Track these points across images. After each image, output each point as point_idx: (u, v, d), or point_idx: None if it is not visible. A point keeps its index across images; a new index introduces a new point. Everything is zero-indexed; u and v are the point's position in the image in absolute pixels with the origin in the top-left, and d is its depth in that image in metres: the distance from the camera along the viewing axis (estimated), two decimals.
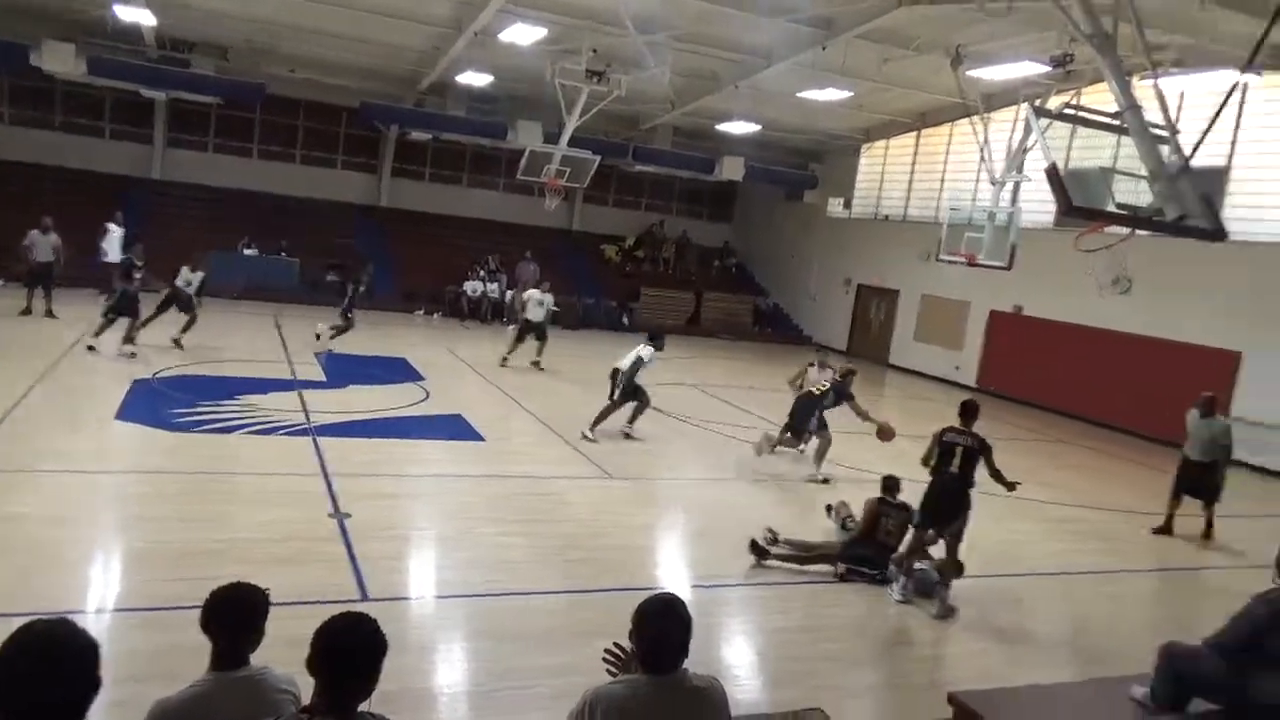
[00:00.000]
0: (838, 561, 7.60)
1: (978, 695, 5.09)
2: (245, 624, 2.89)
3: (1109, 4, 9.22)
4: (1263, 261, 15.19)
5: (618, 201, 29.62)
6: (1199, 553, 10.00)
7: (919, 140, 23.40)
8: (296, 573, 6.29)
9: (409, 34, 18.61)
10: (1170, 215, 8.02)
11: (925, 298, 22.47)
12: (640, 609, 2.98)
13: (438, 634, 5.90)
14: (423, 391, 13.38)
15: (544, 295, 16.58)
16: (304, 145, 25.60)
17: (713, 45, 17.57)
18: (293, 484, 8.38)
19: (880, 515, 7.81)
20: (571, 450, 11.00)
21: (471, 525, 7.96)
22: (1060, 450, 15.16)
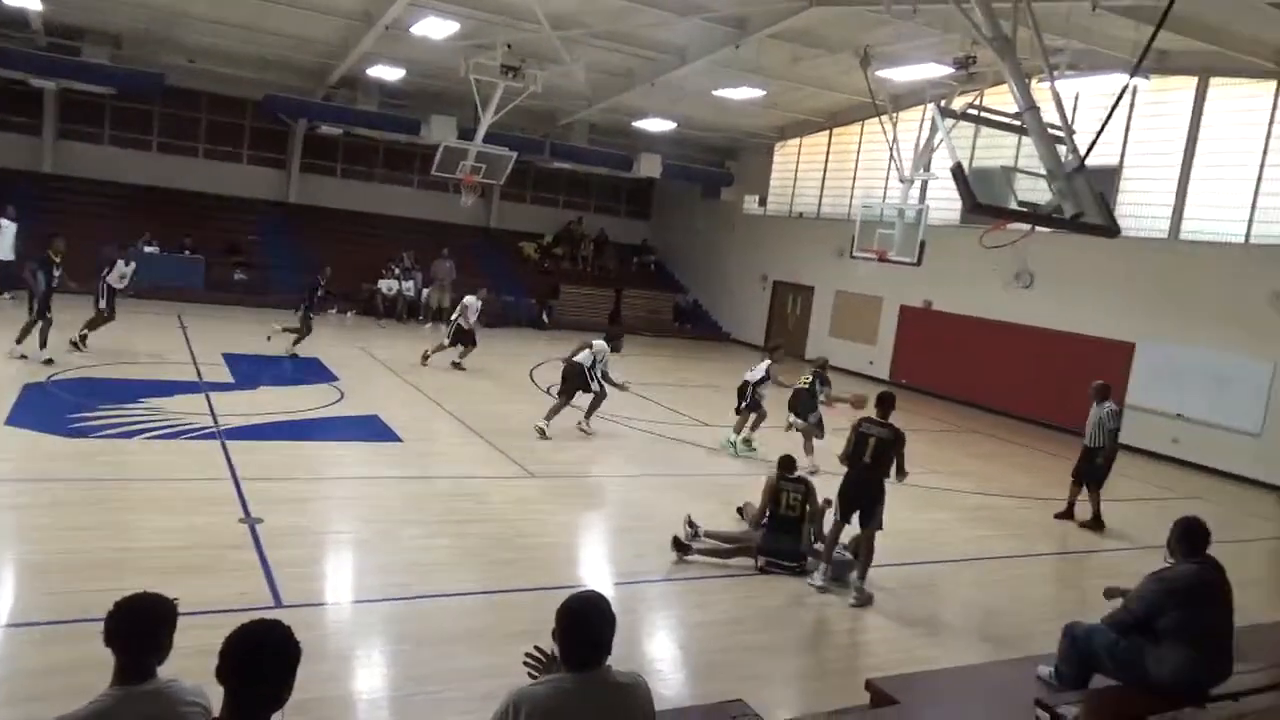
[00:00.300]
0: (757, 555, 7.72)
1: (893, 680, 5.23)
2: (151, 636, 2.77)
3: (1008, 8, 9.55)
4: (1151, 256, 15.97)
5: (535, 199, 29.43)
6: (1096, 536, 10.46)
7: (831, 139, 23.87)
8: (206, 581, 6.08)
9: (316, 25, 18.12)
10: (1068, 212, 8.36)
11: (839, 293, 22.95)
12: (562, 608, 2.97)
13: (356, 640, 5.77)
14: (337, 392, 13.07)
15: (480, 301, 16.63)
16: (207, 139, 24.69)
17: (628, 43, 17.60)
18: (200, 489, 8.10)
19: (780, 491, 7.98)
20: (492, 449, 10.90)
21: (391, 528, 7.81)
22: (971, 440, 15.67)
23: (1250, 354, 14.46)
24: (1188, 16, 12.24)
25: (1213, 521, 5.21)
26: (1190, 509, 6.05)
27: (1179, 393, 15.30)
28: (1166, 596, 4.79)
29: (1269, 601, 8.04)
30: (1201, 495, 12.75)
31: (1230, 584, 4.89)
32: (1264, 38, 13.46)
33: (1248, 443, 14.43)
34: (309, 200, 25.73)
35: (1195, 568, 4.87)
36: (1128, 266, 16.12)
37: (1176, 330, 15.52)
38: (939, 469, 12.59)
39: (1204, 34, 13.10)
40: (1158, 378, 15.68)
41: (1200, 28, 12.97)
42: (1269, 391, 14.22)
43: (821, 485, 8.36)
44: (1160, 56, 14.85)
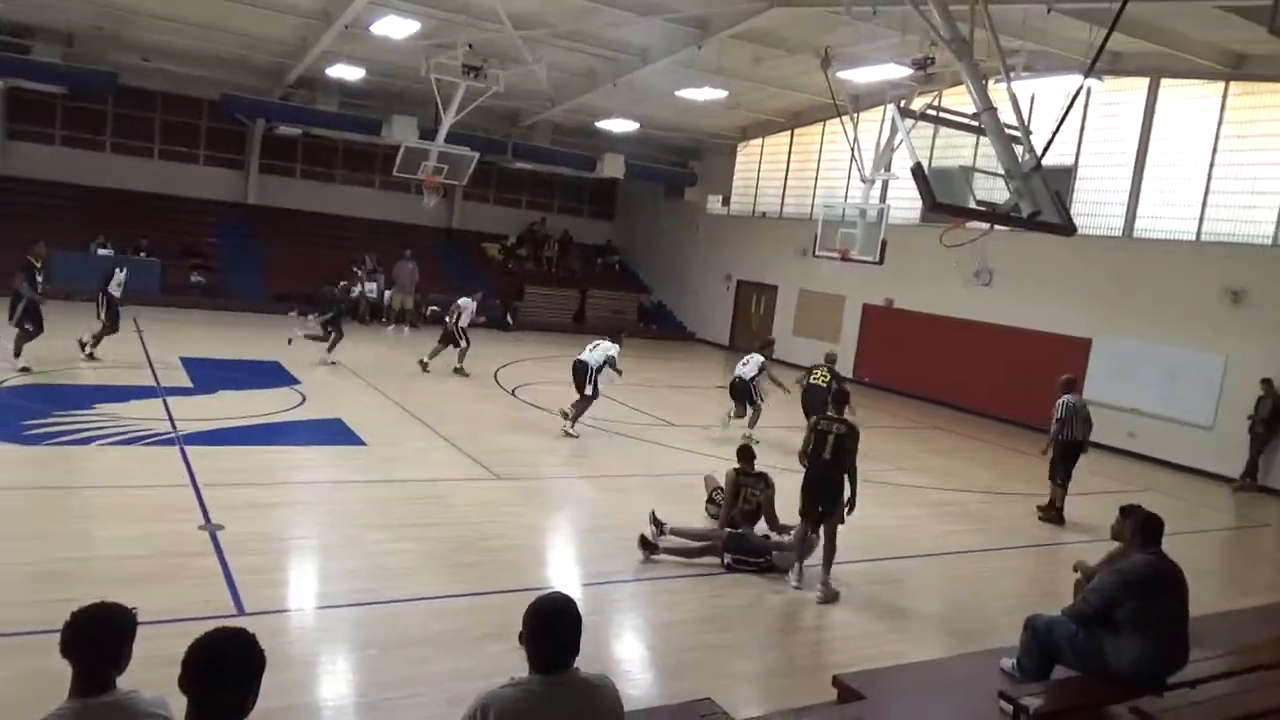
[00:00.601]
0: (724, 553, 7.75)
1: (860, 675, 5.29)
2: (109, 646, 2.71)
3: (965, 10, 9.69)
4: (1106, 253, 16.28)
5: (499, 199, 29.29)
6: (1057, 530, 10.64)
7: (793, 139, 24.03)
8: (166, 589, 5.97)
9: (273, 24, 17.88)
10: (1025, 211, 8.50)
11: (803, 292, 23.11)
12: (529, 610, 2.96)
13: (321, 646, 5.70)
14: (298, 395, 12.91)
15: (474, 303, 16.78)
16: (162, 139, 24.24)
17: (590, 43, 17.59)
18: (159, 496, 7.95)
19: (740, 486, 8.11)
20: (457, 452, 10.83)
21: (355, 532, 7.73)
22: (933, 436, 15.87)
23: (1202, 349, 14.79)
24: (1139, 19, 12.50)
25: (1168, 513, 5.33)
26: (1146, 501, 6.18)
27: (1135, 387, 15.60)
28: (1123, 588, 4.89)
29: (1223, 591, 8.24)
30: (1157, 488, 13.02)
31: (1184, 574, 5.00)
32: (1212, 40, 13.78)
33: (1200, 435, 14.76)
34: (268, 201, 25.38)
35: (1151, 559, 4.97)
36: (1084, 264, 16.41)
37: (1131, 326, 15.84)
38: (903, 466, 12.74)
39: (1155, 36, 13.38)
40: (1114, 373, 15.98)
41: (1151, 30, 13.24)
42: (1220, 385, 14.56)
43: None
44: (1113, 58, 15.14)
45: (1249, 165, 14.60)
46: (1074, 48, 13.27)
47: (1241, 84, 14.66)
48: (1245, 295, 14.37)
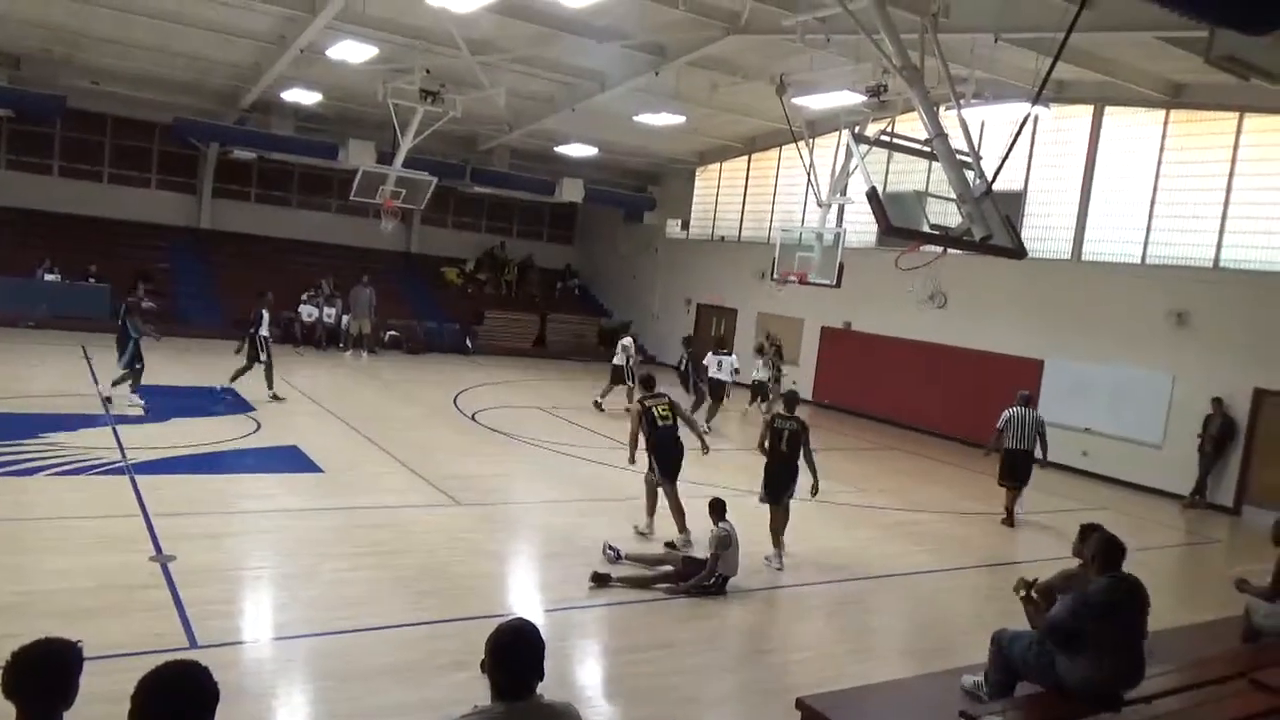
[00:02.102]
0: (678, 580, 7.71)
1: (824, 698, 5.29)
2: (55, 684, 2.62)
3: (916, 39, 9.92)
4: (1055, 276, 16.65)
5: (457, 223, 29.21)
6: (1016, 547, 10.79)
7: (750, 164, 24.30)
8: (115, 623, 5.82)
9: (228, 48, 17.71)
10: (977, 235, 8.68)
11: (762, 315, 23.28)
12: (491, 637, 2.94)
13: (278, 678, 5.58)
14: (254, 422, 12.70)
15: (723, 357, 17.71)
16: (112, 163, 23.85)
17: (548, 68, 17.67)
18: (108, 527, 7.75)
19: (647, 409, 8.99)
20: (417, 478, 10.70)
21: (312, 561, 7.59)
22: (891, 458, 16.02)
23: (1150, 369, 15.16)
24: (1083, 49, 12.87)
25: (1120, 531, 5.42)
26: (1100, 519, 6.30)
27: (1086, 407, 15.92)
28: (1086, 611, 4.88)
29: (1176, 606, 8.38)
30: (1110, 506, 13.26)
31: (1148, 594, 5.04)
32: (1152, 70, 14.23)
33: (1151, 454, 15.08)
34: (222, 226, 25.05)
35: (1112, 581, 4.99)
36: (1035, 287, 16.77)
37: (1082, 347, 16.19)
38: (862, 487, 12.83)
39: (1098, 65, 13.78)
40: (1066, 393, 16.29)
41: (1095, 60, 13.65)
42: (1168, 405, 14.91)
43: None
44: (1059, 87, 15.58)
45: (1189, 190, 15.07)
46: (1021, 76, 13.61)
47: (1181, 112, 15.14)
48: (1189, 316, 14.77)
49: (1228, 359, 14.18)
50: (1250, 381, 13.97)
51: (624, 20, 14.77)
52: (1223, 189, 14.57)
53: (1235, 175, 14.45)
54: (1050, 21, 9.69)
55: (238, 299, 22.77)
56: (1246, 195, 14.34)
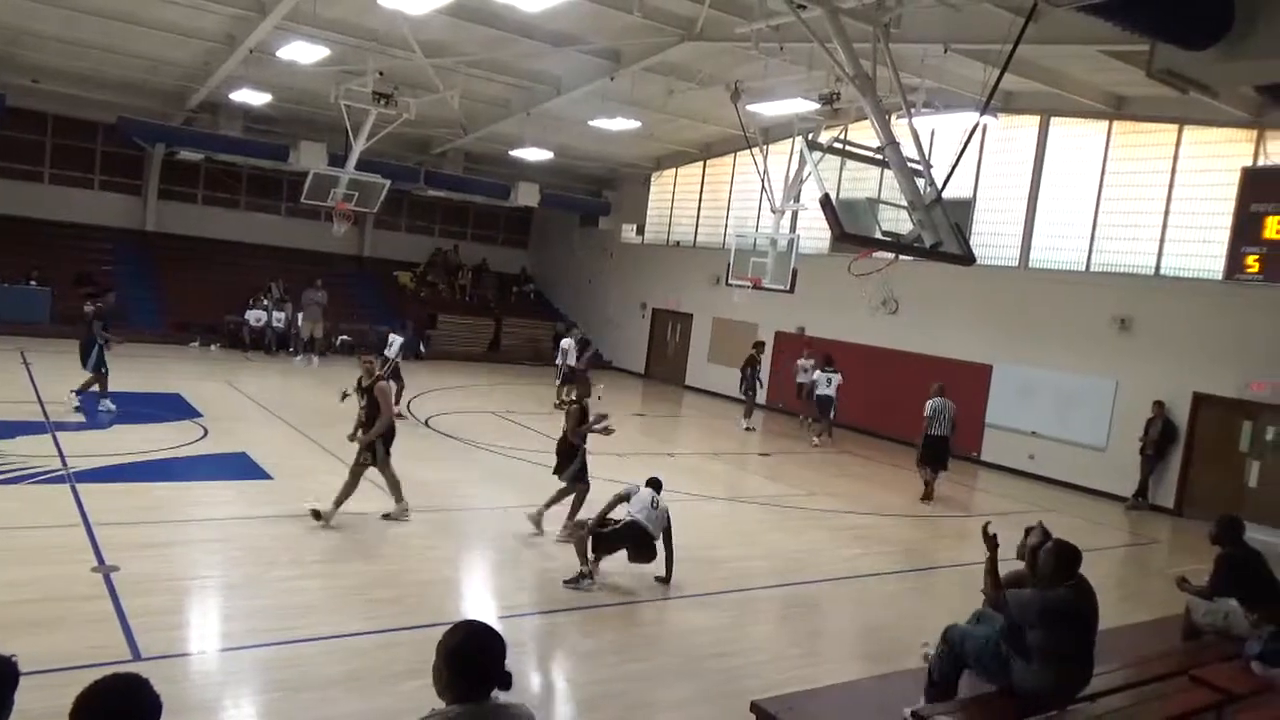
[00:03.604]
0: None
1: (776, 700, 5.33)
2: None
3: (868, 48, 10.06)
4: (1003, 283, 16.99)
5: (411, 227, 28.93)
6: (966, 550, 10.95)
7: (705, 170, 24.44)
8: (55, 636, 5.66)
9: (174, 47, 17.33)
10: (928, 241, 8.82)
11: (717, 320, 23.41)
12: (444, 640, 2.89)
13: (225, 690, 5.46)
14: (200, 429, 12.44)
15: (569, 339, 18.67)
16: (54, 163, 23.21)
17: (503, 72, 17.60)
18: (48, 537, 7.54)
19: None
20: (368, 484, 10.54)
21: (261, 570, 7.45)
22: (843, 461, 16.19)
23: (1094, 374, 15.52)
24: (1030, 60, 13.17)
25: (1065, 532, 5.55)
26: (1046, 521, 6.43)
27: (1033, 411, 16.26)
28: (1041, 614, 4.92)
29: (1120, 606, 8.58)
30: (1056, 508, 13.52)
31: (1097, 601, 5.14)
32: (1096, 82, 14.61)
33: (1095, 457, 15.44)
34: (168, 228, 24.52)
35: (1072, 591, 5.05)
36: (983, 293, 17.08)
37: (1029, 353, 16.52)
38: (814, 491, 12.96)
39: (1044, 77, 14.10)
40: (1013, 398, 16.63)
41: (1041, 71, 13.96)
42: (1112, 409, 15.28)
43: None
44: (1006, 97, 15.90)
45: (1131, 200, 15.47)
46: (970, 86, 13.88)
47: (1123, 123, 15.55)
48: (1132, 322, 15.16)
49: (1169, 364, 14.58)
50: (1190, 386, 14.37)
51: (579, 25, 14.78)
52: (1163, 199, 14.99)
53: (1175, 185, 14.87)
54: (998, 33, 9.89)
55: (183, 303, 22.38)
56: (1185, 205, 14.77)
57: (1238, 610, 6.50)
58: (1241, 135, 13.98)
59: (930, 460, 13.23)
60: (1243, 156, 13.84)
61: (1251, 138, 13.85)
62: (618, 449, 14.46)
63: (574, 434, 9.15)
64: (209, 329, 21.89)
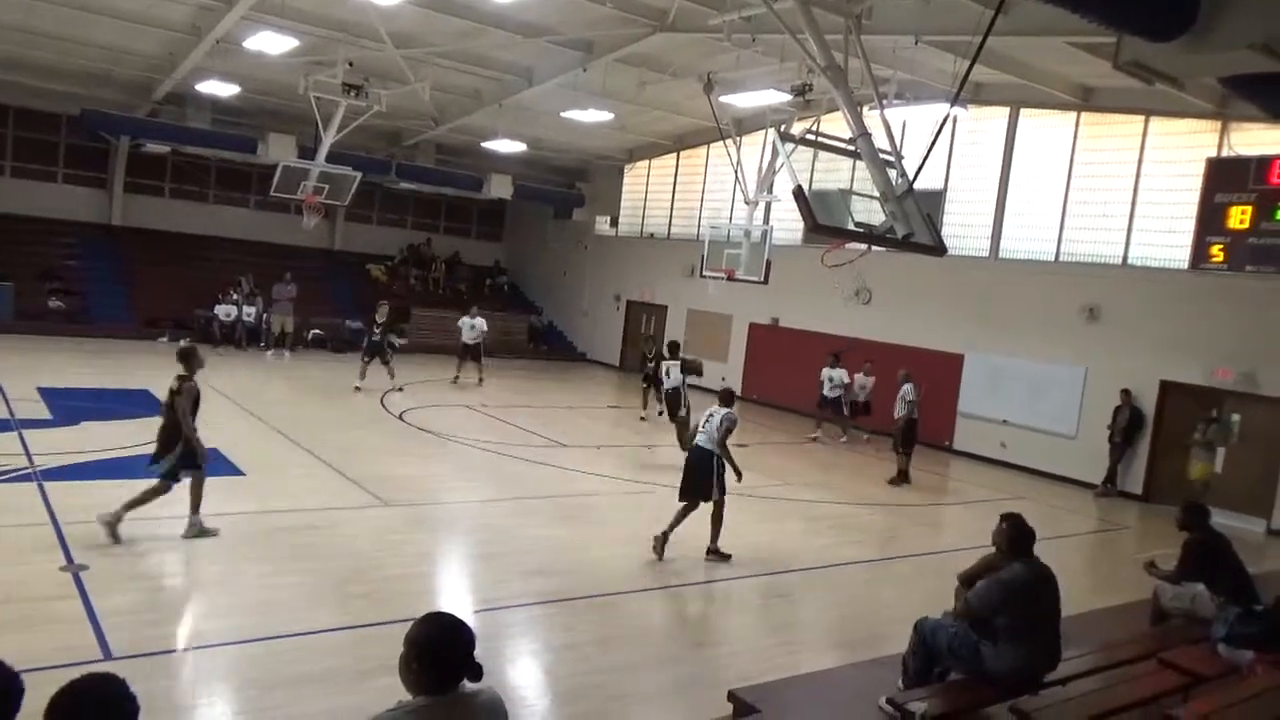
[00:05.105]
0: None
1: (754, 690, 5.36)
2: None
3: (839, 40, 10.09)
4: (974, 273, 17.14)
5: (382, 220, 28.69)
6: (940, 537, 11.07)
7: (679, 161, 24.42)
8: (22, 637, 5.57)
9: (138, 38, 17.04)
10: (900, 232, 8.88)
11: (691, 312, 23.43)
12: (411, 633, 2.87)
13: (198, 688, 5.42)
14: None
15: (475, 320, 19.10)
16: (15, 156, 22.75)
17: (475, 63, 17.47)
18: (14, 536, 7.43)
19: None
20: (343, 480, 10.49)
21: (235, 567, 7.38)
22: (817, 450, 16.29)
23: (1064, 363, 15.71)
24: (999, 52, 13.26)
25: (1037, 519, 5.61)
26: (1018, 508, 6.50)
27: (1004, 400, 16.43)
28: (1003, 596, 5.07)
29: (1090, 591, 8.72)
30: (1027, 495, 13.70)
31: (1056, 579, 5.26)
32: (1064, 73, 14.74)
33: (1065, 444, 15.63)
34: (134, 222, 24.13)
35: (1026, 567, 5.18)
36: (955, 283, 17.23)
37: (1000, 342, 16.69)
38: (789, 481, 13.03)
39: (1013, 68, 14.22)
40: (985, 387, 16.80)
41: (1010, 63, 14.07)
42: (1081, 397, 15.48)
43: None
44: (976, 88, 16.02)
45: (1099, 190, 15.66)
46: (940, 78, 13.98)
47: (1091, 114, 15.72)
48: (1100, 311, 15.36)
49: (1136, 352, 14.78)
50: (1157, 374, 14.59)
51: (551, 16, 14.72)
52: (1130, 189, 15.18)
53: (1142, 176, 15.06)
54: (968, 25, 9.97)
55: (150, 297, 22.07)
56: (1152, 195, 14.96)
57: (1204, 594, 6.62)
58: (1206, 126, 14.18)
59: (910, 444, 13.68)
60: (1207, 147, 14.05)
61: (1216, 129, 14.04)
62: (595, 441, 14.49)
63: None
64: (178, 324, 21.60)
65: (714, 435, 8.65)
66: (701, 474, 8.64)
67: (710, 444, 8.65)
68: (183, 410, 7.81)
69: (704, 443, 8.70)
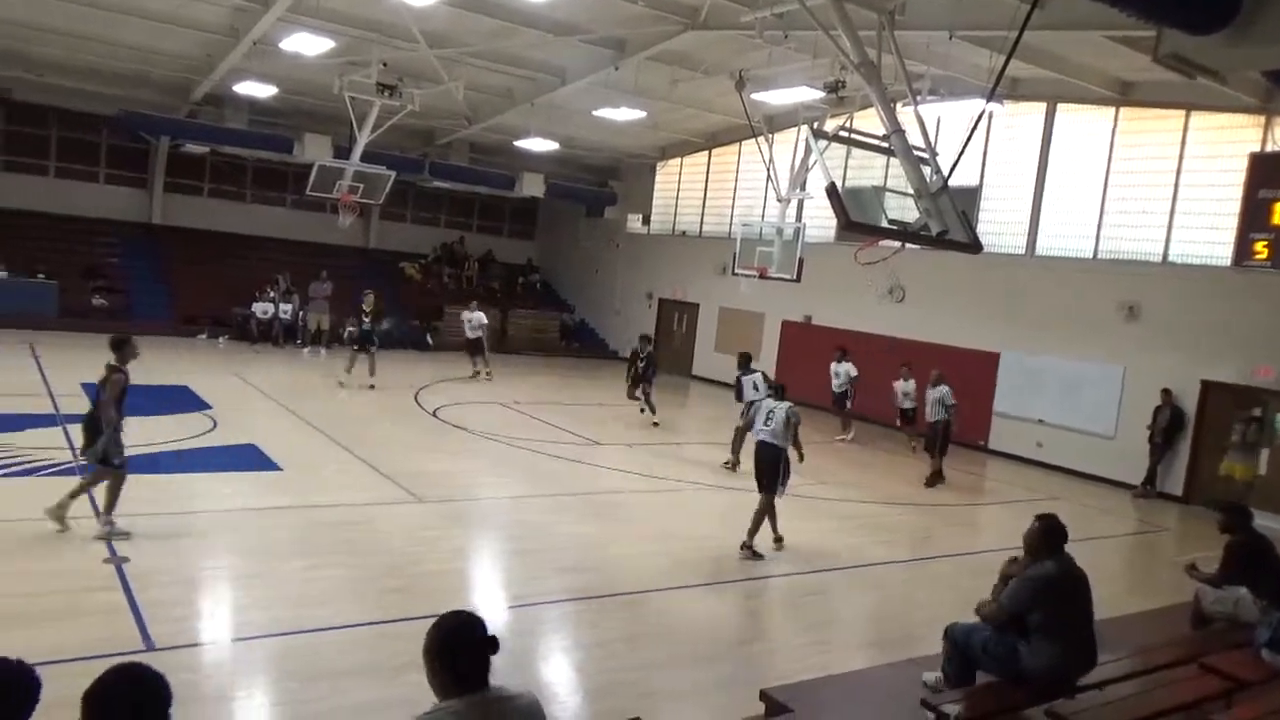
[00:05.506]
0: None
1: (786, 689, 5.35)
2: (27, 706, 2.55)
3: (873, 36, 10.02)
4: (1010, 271, 16.93)
5: (416, 218, 28.94)
6: (975, 538, 10.97)
7: (711, 159, 24.37)
8: (67, 627, 5.71)
9: (177, 40, 17.32)
10: (934, 230, 8.80)
11: (723, 310, 23.38)
12: (434, 633, 2.89)
13: (237, 680, 5.51)
14: (209, 421, 12.49)
15: (473, 314, 19.42)
16: (59, 157, 23.24)
17: (507, 62, 17.56)
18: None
19: None
20: (378, 476, 10.61)
21: (272, 561, 7.50)
22: (852, 450, 16.17)
23: (1102, 362, 15.47)
24: (1036, 47, 13.08)
25: (1074, 520, 5.54)
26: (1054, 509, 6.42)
27: (1040, 399, 16.22)
28: (1035, 594, 5.04)
29: (1127, 594, 8.59)
30: (1063, 496, 13.52)
31: (1087, 578, 5.19)
32: (1102, 67, 14.52)
33: (1103, 444, 15.40)
34: (174, 221, 24.54)
35: (1058, 564, 5.13)
36: (990, 281, 17.03)
37: (1036, 340, 16.48)
38: (823, 480, 12.96)
39: (1050, 63, 14.02)
40: (1021, 386, 16.59)
41: (1047, 57, 13.88)
42: (1120, 397, 15.24)
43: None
44: (1012, 84, 15.82)
45: (1139, 186, 15.40)
46: (976, 73, 13.83)
47: (1130, 109, 15.46)
48: (1139, 309, 15.11)
49: (1177, 351, 14.52)
50: (1198, 373, 14.32)
51: (583, 14, 14.75)
52: (1171, 184, 14.91)
53: (1183, 171, 14.78)
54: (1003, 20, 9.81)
55: (190, 295, 22.44)
56: (1193, 191, 14.68)
57: (1247, 597, 6.49)
58: (1249, 121, 13.90)
59: (936, 444, 13.49)
60: (1250, 142, 13.75)
61: (1259, 123, 13.76)
62: (626, 440, 14.52)
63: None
64: (217, 322, 21.96)
65: (779, 431, 9.01)
66: (771, 468, 8.96)
67: (777, 439, 9.00)
68: (105, 401, 7.58)
69: (770, 438, 9.03)
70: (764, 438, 9.08)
